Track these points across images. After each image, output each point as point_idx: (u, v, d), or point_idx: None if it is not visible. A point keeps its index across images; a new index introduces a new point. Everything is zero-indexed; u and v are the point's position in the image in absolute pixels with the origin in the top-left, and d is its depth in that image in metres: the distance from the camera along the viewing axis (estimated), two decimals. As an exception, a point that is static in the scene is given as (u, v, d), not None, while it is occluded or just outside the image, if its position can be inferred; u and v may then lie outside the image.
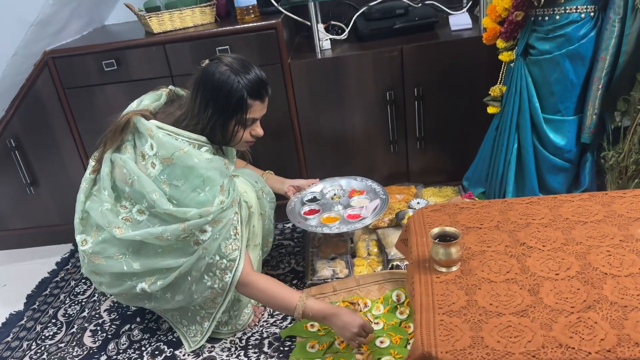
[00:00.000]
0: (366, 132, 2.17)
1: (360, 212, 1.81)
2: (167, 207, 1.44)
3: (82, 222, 1.59)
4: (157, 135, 1.46)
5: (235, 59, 1.52)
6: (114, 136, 1.54)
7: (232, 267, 1.50)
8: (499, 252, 1.10)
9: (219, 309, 1.59)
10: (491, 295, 0.98)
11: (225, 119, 1.52)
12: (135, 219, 1.51)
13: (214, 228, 1.47)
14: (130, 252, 1.54)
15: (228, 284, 1.51)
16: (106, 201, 1.54)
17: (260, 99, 1.54)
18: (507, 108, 1.79)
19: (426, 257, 1.11)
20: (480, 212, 1.26)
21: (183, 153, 1.44)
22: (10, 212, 2.38)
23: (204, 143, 1.51)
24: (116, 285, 1.59)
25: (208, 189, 1.45)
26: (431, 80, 2.06)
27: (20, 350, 1.78)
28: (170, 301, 1.59)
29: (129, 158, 1.51)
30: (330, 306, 1.53)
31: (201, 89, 1.49)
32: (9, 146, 2.22)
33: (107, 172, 1.55)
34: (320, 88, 2.10)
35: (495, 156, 1.88)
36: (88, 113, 2.17)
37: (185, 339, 1.69)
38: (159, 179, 1.46)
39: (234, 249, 1.50)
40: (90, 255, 1.56)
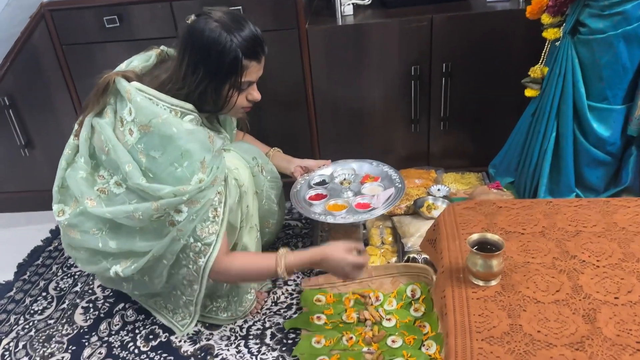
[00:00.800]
0: (386, 108, 2.00)
1: (371, 202, 1.64)
2: (139, 182, 1.30)
3: (60, 191, 1.46)
4: (136, 99, 1.30)
5: (226, 14, 1.34)
6: (95, 98, 1.39)
7: (206, 251, 1.36)
8: (546, 266, 0.96)
9: (198, 295, 1.46)
10: (539, 320, 0.84)
11: (218, 83, 1.35)
12: (111, 192, 1.37)
13: (190, 209, 1.32)
14: (107, 228, 1.40)
15: (201, 269, 1.38)
16: (81, 169, 1.41)
17: (256, 59, 1.37)
18: (547, 92, 1.62)
19: (460, 266, 0.96)
20: (522, 213, 1.11)
21: (161, 120, 1.28)
22: (4, 175, 2.26)
23: (188, 111, 1.34)
24: (92, 263, 1.46)
25: (186, 164, 1.30)
26: (462, 55, 1.87)
27: (7, 325, 1.68)
28: (148, 285, 1.47)
29: (107, 123, 1.36)
30: (311, 253, 1.41)
31: (188, 49, 1.32)
32: (3, 104, 2.08)
33: (86, 138, 1.41)
34: (338, 58, 1.92)
35: (529, 144, 1.71)
36: (87, 72, 2.00)
37: (173, 324, 1.57)
38: (135, 148, 1.31)
39: (210, 233, 1.36)
40: (66, 227, 1.43)
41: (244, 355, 1.47)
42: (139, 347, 1.54)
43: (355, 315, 1.53)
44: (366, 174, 1.78)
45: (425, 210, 1.76)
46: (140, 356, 1.51)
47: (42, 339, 1.61)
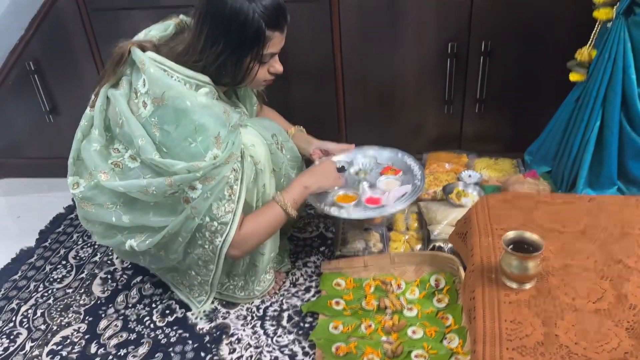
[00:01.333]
0: (418, 87, 1.91)
1: (382, 197, 1.55)
2: (153, 157, 1.25)
3: (76, 163, 1.42)
4: (149, 70, 1.25)
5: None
6: (111, 69, 1.34)
7: (223, 231, 1.33)
8: (587, 269, 0.88)
9: (213, 275, 1.44)
10: (577, 331, 0.77)
11: (239, 56, 1.28)
12: (126, 165, 1.33)
13: (204, 186, 1.27)
14: (121, 202, 1.36)
15: (218, 248, 1.35)
16: (95, 141, 1.36)
17: (279, 29, 1.30)
18: (594, 77, 1.51)
19: (492, 266, 0.89)
20: (562, 210, 1.02)
21: (175, 93, 1.23)
22: (29, 140, 2.26)
23: (203, 84, 1.28)
24: (107, 236, 1.43)
25: (201, 139, 1.24)
26: (503, 33, 1.76)
27: (27, 292, 1.68)
28: (164, 259, 1.44)
29: (122, 95, 1.31)
30: (298, 178, 1.50)
31: (208, 20, 1.25)
32: (28, 69, 2.06)
33: (100, 109, 1.36)
34: (371, 31, 1.83)
35: (570, 132, 1.61)
36: (112, 39, 1.91)
37: (190, 300, 1.55)
38: (149, 121, 1.26)
39: (226, 212, 1.31)
40: (80, 200, 1.40)
41: (260, 336, 1.44)
42: (155, 322, 1.52)
43: (375, 303, 1.48)
44: (388, 166, 1.68)
45: (455, 197, 1.68)
46: (156, 331, 1.49)
47: (60, 308, 1.60)
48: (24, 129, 2.23)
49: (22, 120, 2.20)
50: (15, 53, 2.04)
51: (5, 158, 2.33)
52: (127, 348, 1.45)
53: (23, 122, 2.21)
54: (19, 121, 2.21)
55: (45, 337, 1.51)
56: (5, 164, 2.34)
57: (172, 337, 1.47)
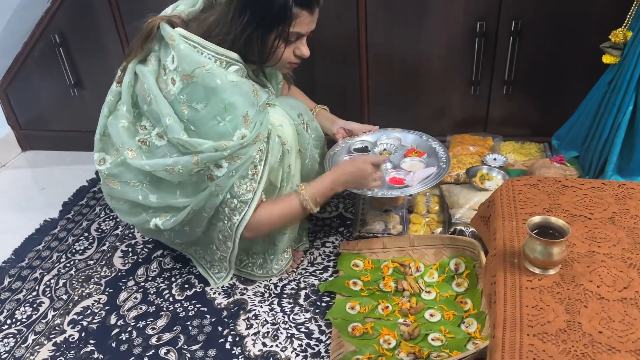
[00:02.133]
0: (445, 66, 1.86)
1: (406, 178, 1.54)
2: (179, 136, 1.24)
3: (102, 139, 1.42)
4: (179, 46, 1.23)
5: None
6: (139, 44, 1.33)
7: (241, 209, 1.33)
8: (614, 257, 0.85)
9: (231, 252, 1.44)
10: (601, 319, 0.74)
11: (264, 30, 1.25)
12: (153, 143, 1.32)
13: (230, 164, 1.27)
14: (147, 181, 1.36)
15: (235, 226, 1.35)
16: (123, 117, 1.35)
17: (308, 8, 1.26)
18: (628, 59, 1.45)
19: (515, 250, 0.87)
20: (590, 195, 0.99)
21: (205, 70, 1.21)
22: (54, 112, 2.29)
23: (233, 61, 1.26)
24: (132, 214, 1.44)
25: (230, 118, 1.23)
26: (535, 12, 1.70)
27: (50, 262, 1.71)
28: (189, 234, 1.44)
29: (150, 72, 1.30)
30: (327, 175, 1.43)
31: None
32: (54, 42, 2.07)
33: (128, 85, 1.35)
34: (398, 7, 1.78)
35: (601, 116, 1.55)
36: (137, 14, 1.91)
37: (210, 275, 1.56)
38: (178, 99, 1.25)
39: (248, 190, 1.31)
40: (106, 177, 1.40)
41: (277, 313, 1.45)
42: (174, 296, 1.54)
43: (393, 285, 1.47)
44: (412, 147, 1.65)
45: (478, 180, 1.65)
46: (175, 304, 1.51)
47: (82, 279, 1.63)
48: (48, 102, 2.25)
49: (47, 93, 2.23)
50: (41, 25, 2.05)
51: (30, 130, 2.36)
52: (146, 320, 1.47)
53: (48, 94, 2.23)
54: (44, 94, 2.23)
55: (66, 307, 1.54)
56: (30, 136, 2.38)
57: (191, 311, 1.48)
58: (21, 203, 2.06)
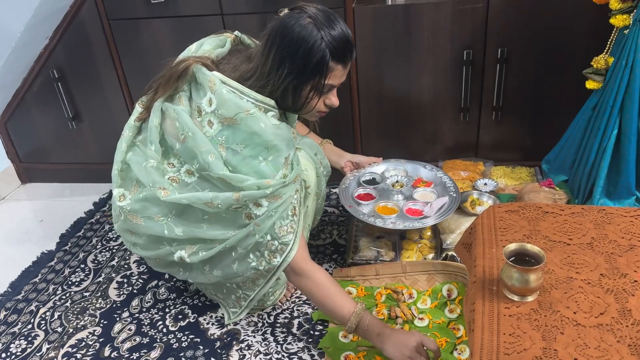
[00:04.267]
0: (434, 95, 1.90)
1: (423, 209, 1.56)
2: (223, 172, 1.25)
3: (121, 175, 1.40)
4: (220, 91, 1.24)
5: (320, 11, 1.25)
6: (167, 83, 1.32)
7: (283, 250, 1.32)
8: (592, 284, 0.86)
9: (258, 291, 1.43)
10: (577, 346, 0.75)
11: (300, 82, 1.27)
12: (182, 180, 1.33)
13: (271, 204, 1.27)
14: (173, 214, 1.35)
15: (275, 268, 1.33)
16: (152, 157, 1.34)
17: (343, 62, 1.28)
18: (611, 84, 1.48)
19: (495, 278, 0.88)
20: (570, 221, 1.00)
21: (248, 115, 1.23)
22: (52, 146, 2.32)
23: (271, 107, 1.28)
24: (152, 248, 1.42)
25: (272, 158, 1.25)
26: (520, 41, 1.74)
27: (46, 294, 1.73)
28: (207, 274, 1.42)
29: (184, 110, 1.29)
30: (383, 325, 1.30)
31: (277, 42, 1.23)
32: (52, 77, 2.12)
33: (157, 124, 1.34)
34: (386, 40, 1.83)
35: (587, 141, 1.58)
36: (133, 48, 2.02)
37: (226, 309, 1.55)
38: (215, 140, 1.26)
39: (288, 232, 1.31)
40: (128, 213, 1.38)
41: (270, 343, 1.45)
42: (168, 327, 1.54)
43: (386, 312, 1.47)
44: (419, 178, 1.69)
45: (469, 205, 1.66)
46: (168, 335, 1.51)
47: (77, 311, 1.64)
48: (47, 135, 2.29)
49: (46, 126, 2.27)
50: (40, 61, 2.10)
51: (29, 163, 2.39)
52: (140, 352, 1.47)
53: (47, 128, 2.27)
54: (43, 127, 2.27)
55: (61, 340, 1.54)
56: (29, 168, 2.41)
57: (184, 341, 1.49)
58: (19, 236, 2.08)
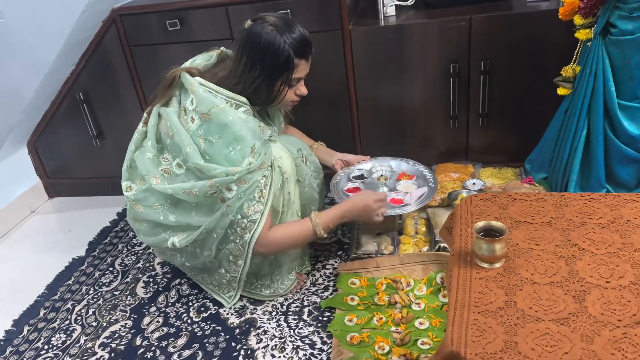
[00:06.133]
0: (425, 105, 2.09)
1: (404, 198, 1.75)
2: (197, 162, 1.48)
3: (129, 170, 1.67)
4: (198, 91, 1.49)
5: (279, 18, 1.51)
6: (162, 90, 1.60)
7: (251, 227, 1.53)
8: (548, 252, 1.04)
9: (241, 270, 1.63)
10: (532, 298, 0.93)
11: (272, 80, 1.52)
12: (173, 172, 1.57)
13: (239, 187, 1.49)
14: (168, 204, 1.60)
15: (247, 243, 1.55)
16: (149, 151, 1.61)
17: (305, 57, 1.54)
18: (579, 90, 1.67)
19: (469, 250, 1.06)
20: (534, 205, 1.19)
21: (219, 110, 1.47)
22: (78, 162, 2.52)
23: (242, 103, 1.52)
24: (152, 234, 1.66)
25: (239, 148, 1.48)
26: (500, 54, 1.94)
27: (79, 294, 1.91)
28: (199, 256, 1.64)
29: (173, 112, 1.56)
30: (339, 207, 1.64)
31: (247, 50, 1.49)
32: (78, 99, 2.32)
33: (154, 124, 1.61)
34: (380, 57, 2.03)
35: (561, 141, 1.76)
36: (151, 70, 2.22)
37: (221, 297, 1.75)
38: (196, 134, 1.50)
39: (255, 211, 1.52)
40: (132, 201, 1.64)
41: (284, 328, 1.62)
42: (192, 318, 1.72)
43: (387, 298, 1.64)
44: (402, 172, 1.89)
45: (458, 203, 1.85)
46: (192, 325, 1.69)
47: (109, 308, 1.82)
48: (73, 152, 2.49)
49: (72, 144, 2.47)
50: (67, 85, 2.30)
51: (56, 179, 2.59)
52: (168, 340, 1.65)
53: (72, 146, 2.47)
54: (69, 145, 2.47)
55: (96, 332, 1.72)
56: (56, 184, 2.61)
57: (207, 330, 1.66)
58: (50, 244, 2.27)
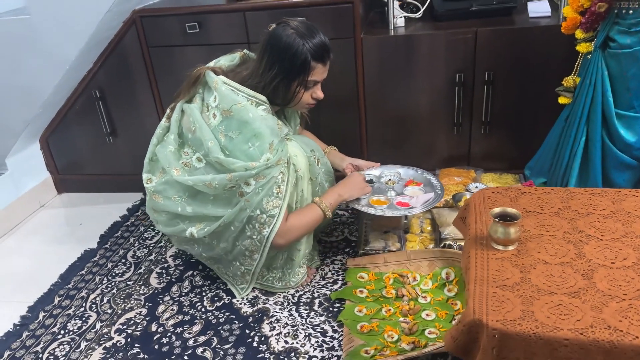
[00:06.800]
0: (431, 111, 2.19)
1: (410, 202, 1.84)
2: (217, 155, 1.56)
3: (150, 163, 1.75)
4: (221, 89, 1.58)
5: (301, 23, 1.61)
6: (187, 88, 1.68)
7: (270, 222, 1.61)
8: (557, 237, 1.13)
9: (256, 264, 1.70)
10: (545, 276, 1.02)
11: (289, 80, 1.61)
12: (193, 165, 1.64)
13: (257, 182, 1.57)
14: (186, 195, 1.67)
15: (265, 238, 1.62)
16: (170, 144, 1.69)
17: (322, 62, 1.63)
18: (579, 100, 1.78)
19: (484, 235, 1.15)
20: (542, 198, 1.29)
21: (240, 107, 1.55)
22: (90, 158, 2.57)
23: (262, 102, 1.60)
24: (170, 225, 1.72)
25: (258, 144, 1.55)
26: (504, 65, 2.05)
27: (93, 283, 1.96)
28: (215, 247, 1.71)
29: (196, 107, 1.64)
30: (334, 189, 1.78)
31: (268, 50, 1.59)
32: (94, 96, 2.39)
33: (177, 119, 1.70)
34: (389, 64, 2.13)
35: (561, 147, 1.87)
36: (168, 71, 2.30)
37: (234, 287, 1.82)
38: (217, 129, 1.58)
39: (274, 206, 1.60)
40: (152, 193, 1.71)
41: (295, 317, 1.69)
42: (205, 307, 1.78)
43: (394, 292, 1.72)
44: (410, 179, 1.97)
45: (463, 204, 1.94)
46: (207, 314, 1.75)
47: (123, 296, 1.88)
48: (85, 149, 2.55)
49: (84, 141, 2.52)
50: (84, 82, 2.37)
51: (66, 174, 2.64)
52: (183, 327, 1.70)
53: (85, 142, 2.53)
54: (81, 142, 2.53)
55: (112, 319, 1.77)
56: (65, 179, 2.66)
57: (221, 318, 1.73)
58: (61, 237, 2.32)
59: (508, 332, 0.89)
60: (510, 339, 0.89)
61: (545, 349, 0.87)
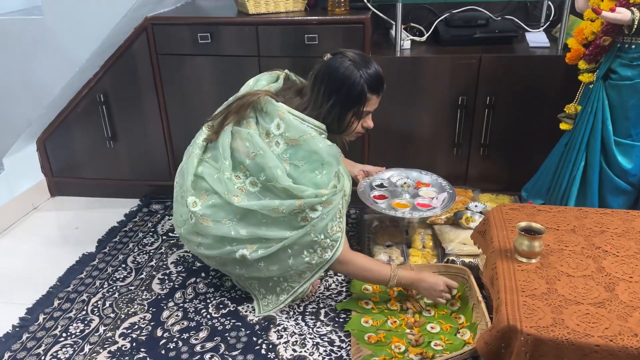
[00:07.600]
0: (432, 131, 2.26)
1: (431, 202, 1.91)
2: (287, 184, 1.56)
3: (192, 185, 1.67)
4: (288, 118, 1.58)
5: (357, 54, 1.63)
6: (239, 110, 1.64)
7: (333, 246, 1.62)
8: (576, 252, 1.20)
9: (304, 283, 1.71)
10: (570, 287, 1.08)
11: (344, 111, 1.63)
12: (247, 190, 1.62)
13: (324, 208, 1.58)
14: (237, 218, 1.63)
15: (326, 261, 1.63)
16: (226, 170, 1.63)
17: (377, 93, 1.66)
18: (579, 126, 1.88)
19: (508, 248, 1.21)
20: (557, 215, 1.36)
21: (310, 137, 1.57)
22: (88, 162, 2.55)
23: (323, 131, 1.63)
24: (216, 247, 1.67)
25: (325, 172, 1.58)
26: (505, 90, 2.14)
27: (94, 287, 1.94)
28: (262, 270, 1.68)
29: (255, 133, 1.61)
30: (416, 273, 1.71)
31: (325, 81, 1.60)
32: (97, 100, 2.38)
33: (228, 143, 1.64)
34: (395, 84, 2.18)
35: (560, 171, 1.96)
36: (176, 79, 2.31)
37: (258, 304, 1.79)
38: (281, 157, 1.58)
39: (337, 230, 1.62)
40: (199, 217, 1.64)
41: (302, 327, 1.71)
42: (211, 314, 1.78)
43: (399, 304, 1.76)
44: (419, 181, 2.06)
45: (464, 221, 2.01)
46: (212, 320, 1.75)
47: (126, 301, 1.86)
48: (83, 152, 2.52)
49: (83, 144, 2.50)
50: (89, 86, 2.36)
51: (61, 177, 2.60)
52: (189, 333, 1.70)
53: (84, 146, 2.51)
54: (80, 145, 2.51)
55: (115, 323, 1.76)
56: (60, 182, 2.62)
57: (227, 325, 1.73)
58: (57, 240, 2.28)
59: (542, 337, 0.94)
60: (543, 344, 0.94)
61: (576, 354, 0.92)
